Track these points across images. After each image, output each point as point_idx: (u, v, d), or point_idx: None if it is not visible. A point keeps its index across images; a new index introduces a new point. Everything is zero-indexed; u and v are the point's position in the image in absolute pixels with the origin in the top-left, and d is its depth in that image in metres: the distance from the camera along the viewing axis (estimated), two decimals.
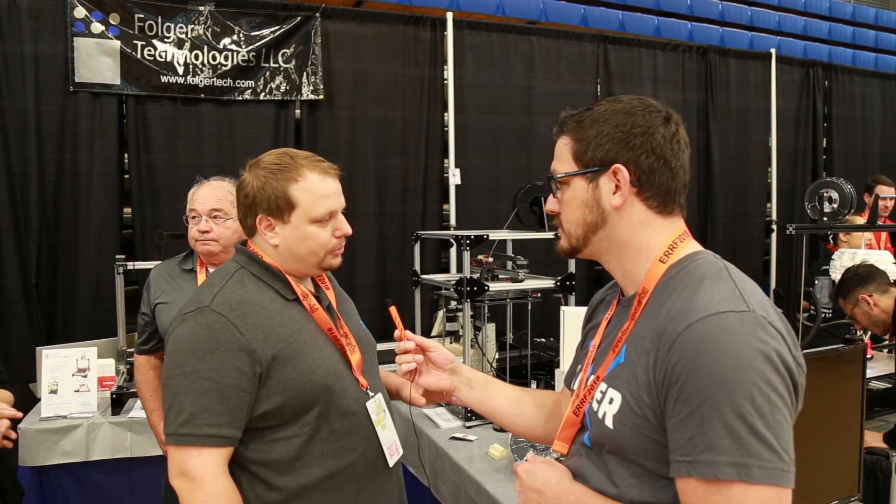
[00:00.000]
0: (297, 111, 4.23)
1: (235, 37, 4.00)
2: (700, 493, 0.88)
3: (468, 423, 2.51)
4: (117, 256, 3.17)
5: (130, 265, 3.12)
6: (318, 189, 1.44)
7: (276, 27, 4.08)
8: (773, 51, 5.69)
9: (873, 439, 2.22)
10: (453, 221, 4.51)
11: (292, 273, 1.46)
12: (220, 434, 1.29)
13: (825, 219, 3.04)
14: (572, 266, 2.80)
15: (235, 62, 3.99)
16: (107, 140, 3.79)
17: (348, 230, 1.49)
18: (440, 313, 3.22)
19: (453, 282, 2.72)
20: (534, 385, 2.71)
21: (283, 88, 4.11)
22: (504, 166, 4.68)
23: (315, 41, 4.17)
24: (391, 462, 1.51)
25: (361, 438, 1.46)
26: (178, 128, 3.94)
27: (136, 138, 3.87)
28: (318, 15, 4.17)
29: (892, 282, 2.83)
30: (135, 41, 3.79)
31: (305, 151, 1.51)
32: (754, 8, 7.02)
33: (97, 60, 3.73)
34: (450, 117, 4.50)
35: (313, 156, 1.49)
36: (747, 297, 0.92)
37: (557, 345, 2.60)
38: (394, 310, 1.44)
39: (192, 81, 3.91)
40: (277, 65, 4.10)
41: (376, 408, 1.50)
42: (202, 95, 3.95)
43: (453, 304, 3.09)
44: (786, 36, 6.93)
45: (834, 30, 7.44)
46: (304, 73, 4.15)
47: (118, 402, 2.77)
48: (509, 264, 2.81)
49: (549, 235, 2.88)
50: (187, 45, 3.89)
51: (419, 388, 1.42)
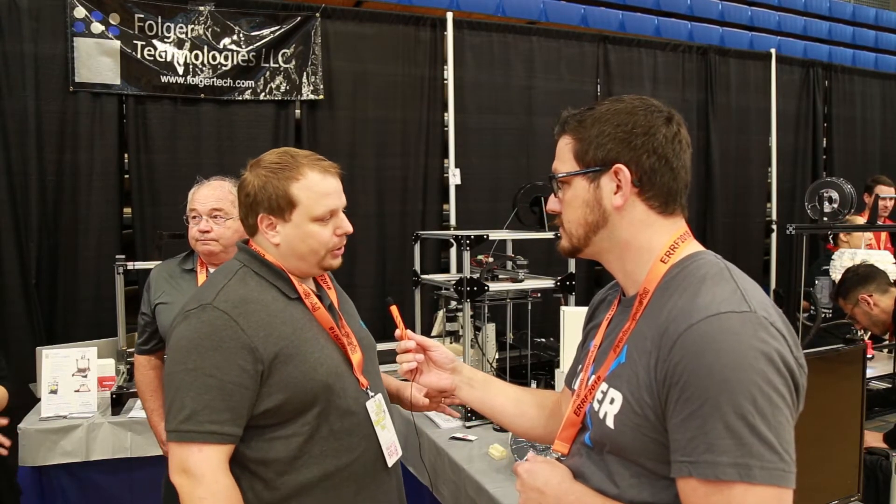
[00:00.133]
0: (297, 111, 4.22)
1: (235, 37, 4.00)
2: (701, 494, 0.88)
3: (468, 423, 2.51)
4: (117, 256, 3.17)
5: (130, 265, 3.12)
6: (318, 188, 1.44)
7: (276, 27, 4.08)
8: (773, 51, 5.69)
9: (873, 439, 2.22)
10: (453, 221, 4.51)
11: (294, 272, 1.47)
12: (222, 431, 1.29)
13: (825, 219, 3.04)
14: (572, 266, 2.80)
15: (235, 62, 3.99)
16: (107, 140, 3.79)
17: (349, 228, 1.50)
18: (440, 313, 3.22)
19: (453, 282, 2.72)
20: (534, 385, 2.71)
21: (283, 88, 4.11)
22: (504, 166, 4.68)
23: (315, 41, 4.16)
24: (390, 462, 1.51)
25: (361, 438, 1.46)
26: (178, 128, 3.94)
27: (136, 138, 3.87)
28: (318, 15, 4.17)
29: (892, 282, 2.83)
30: (135, 41, 3.79)
31: (306, 150, 1.51)
32: (754, 8, 7.02)
33: (97, 60, 3.73)
34: (450, 117, 4.49)
35: (314, 154, 1.49)
36: (749, 297, 0.92)
37: (557, 345, 2.60)
38: (394, 309, 1.44)
39: (192, 81, 3.91)
40: (277, 65, 4.10)
41: (376, 408, 1.50)
42: (202, 95, 3.95)
43: (453, 304, 3.09)
44: (786, 36, 6.93)
45: (834, 30, 7.44)
46: (304, 73, 4.15)
47: (118, 402, 2.77)
48: (509, 264, 2.81)
49: (549, 235, 2.89)
50: (187, 45, 3.89)
51: (420, 387, 1.42)
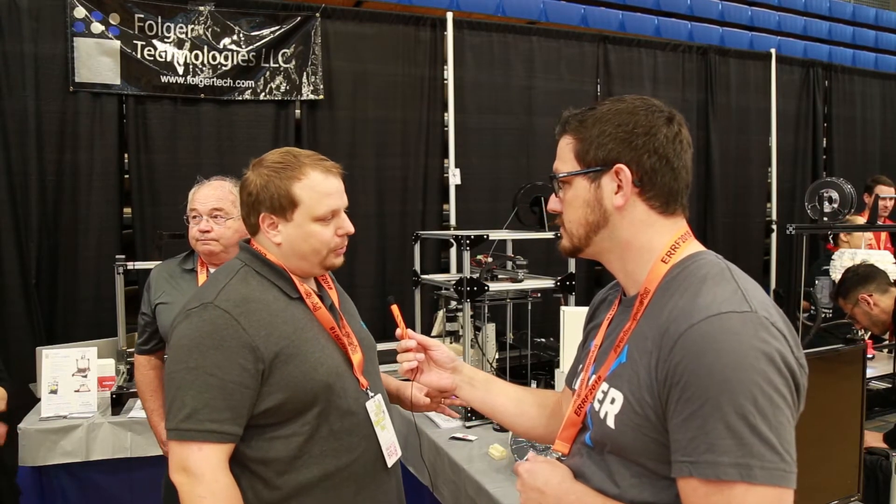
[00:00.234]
0: (297, 111, 4.22)
1: (235, 37, 3.99)
2: (702, 494, 0.88)
3: (468, 423, 2.51)
4: (117, 256, 3.17)
5: (130, 265, 3.12)
6: (320, 187, 1.44)
7: (276, 27, 4.08)
8: (773, 51, 5.69)
9: (873, 439, 2.22)
10: (453, 221, 4.51)
11: (295, 271, 1.47)
12: (222, 430, 1.30)
13: (825, 219, 3.04)
14: (572, 266, 2.80)
15: (235, 62, 3.99)
16: (107, 140, 3.79)
17: (351, 229, 1.50)
18: (440, 313, 3.22)
19: (453, 282, 2.72)
20: (534, 385, 2.71)
21: (283, 88, 4.11)
22: (504, 166, 4.68)
23: (315, 41, 4.16)
24: (390, 463, 1.52)
25: (361, 438, 1.46)
26: (178, 128, 3.94)
27: (136, 138, 3.87)
28: (318, 15, 4.16)
29: (892, 282, 2.83)
30: (135, 41, 3.79)
31: (308, 150, 1.51)
32: (754, 8, 7.02)
33: (97, 60, 3.73)
34: (450, 117, 4.49)
35: (316, 154, 1.49)
36: (749, 297, 0.92)
37: (557, 345, 2.60)
38: (395, 308, 1.44)
39: (192, 81, 3.91)
40: (277, 65, 4.10)
41: (376, 408, 1.50)
42: (202, 95, 3.95)
43: (453, 304, 3.09)
44: (786, 36, 6.93)
45: (834, 30, 7.44)
46: (304, 73, 4.15)
47: (118, 402, 2.77)
48: (509, 264, 2.81)
49: (549, 235, 2.89)
50: (187, 45, 3.89)
51: (421, 387, 1.42)
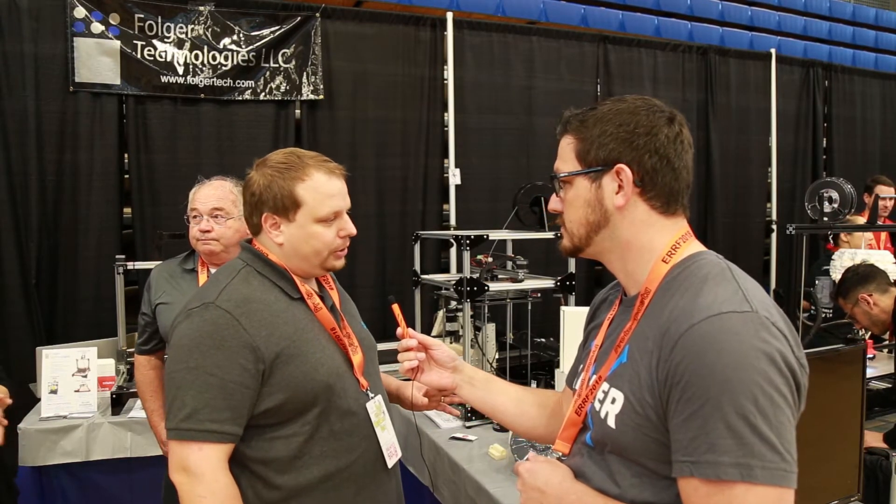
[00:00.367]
0: (297, 111, 4.22)
1: (235, 37, 3.99)
2: (702, 494, 0.88)
3: (468, 423, 2.51)
4: (117, 256, 3.17)
5: (130, 265, 3.12)
6: (324, 189, 1.44)
7: (276, 27, 4.08)
8: (773, 51, 5.69)
9: (873, 439, 2.22)
10: (453, 221, 4.51)
11: (297, 272, 1.47)
12: (222, 430, 1.30)
13: (825, 219, 3.04)
14: (572, 266, 2.80)
15: (235, 62, 3.99)
16: (107, 140, 3.79)
17: (353, 231, 1.50)
18: (440, 313, 3.22)
19: (453, 282, 2.72)
20: (534, 385, 2.71)
21: (283, 88, 4.11)
22: (504, 166, 4.68)
23: (315, 41, 4.16)
24: (390, 464, 1.52)
25: (361, 439, 1.46)
26: (178, 128, 3.94)
27: (136, 138, 3.87)
28: (318, 15, 4.16)
29: (892, 282, 2.83)
30: (135, 41, 3.79)
31: (312, 152, 1.51)
32: (754, 8, 7.02)
33: (97, 60, 3.73)
34: (450, 117, 4.49)
35: (320, 156, 1.49)
36: (750, 297, 0.92)
37: (557, 345, 2.60)
38: (396, 307, 1.44)
39: (192, 81, 3.91)
40: (277, 65, 4.09)
41: (376, 409, 1.50)
42: (202, 95, 3.95)
43: (453, 304, 3.08)
44: (786, 36, 6.93)
45: (834, 30, 7.44)
46: (304, 73, 4.15)
47: (118, 402, 2.77)
48: (509, 264, 2.81)
49: (549, 235, 2.89)
50: (187, 45, 3.89)
51: (421, 386, 1.42)
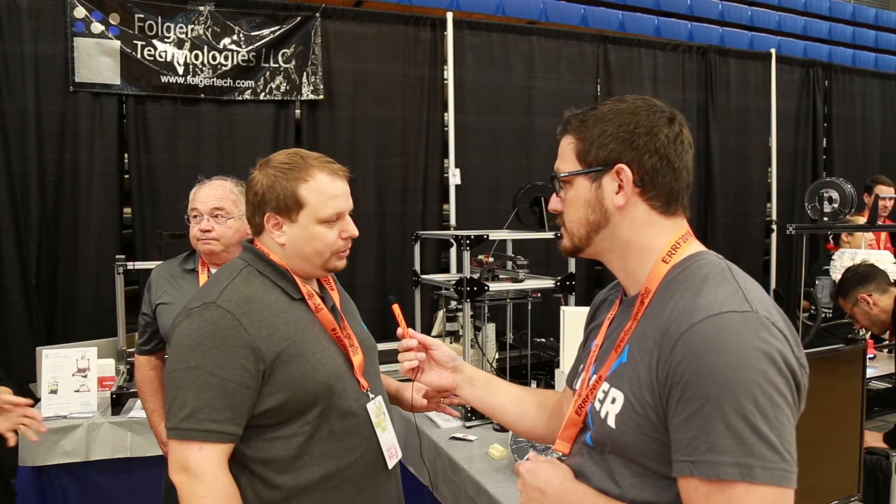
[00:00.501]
0: (297, 111, 4.22)
1: (235, 37, 3.99)
2: (702, 493, 0.88)
3: (468, 423, 2.51)
4: (117, 256, 3.17)
5: (130, 265, 3.12)
6: (326, 190, 1.44)
7: (276, 27, 4.08)
8: (773, 51, 5.69)
9: (873, 439, 2.23)
10: (453, 221, 4.51)
11: (298, 273, 1.47)
12: (222, 430, 1.30)
13: (825, 219, 3.04)
14: (572, 266, 2.80)
15: (235, 62, 3.99)
16: (107, 140, 3.79)
17: (355, 232, 1.50)
18: (440, 313, 3.22)
19: (453, 282, 2.72)
20: (534, 385, 2.71)
21: (283, 88, 4.11)
22: (504, 166, 4.68)
23: (315, 41, 4.16)
24: (390, 464, 1.52)
25: (361, 439, 1.46)
26: (178, 128, 3.94)
27: (136, 138, 3.87)
28: (318, 15, 4.16)
29: (892, 282, 2.83)
30: (135, 41, 3.79)
31: (316, 153, 1.51)
32: (754, 8, 7.02)
33: (97, 60, 3.73)
34: (450, 117, 4.49)
35: (323, 157, 1.50)
36: (750, 297, 0.92)
37: (557, 345, 2.60)
38: (396, 307, 1.44)
39: (192, 81, 3.91)
40: (277, 65, 4.10)
41: (376, 410, 1.50)
42: (202, 95, 3.95)
43: (453, 304, 3.08)
44: (786, 36, 6.93)
45: (834, 30, 7.45)
46: (304, 73, 4.15)
47: (118, 402, 2.77)
48: (509, 264, 2.81)
49: (549, 235, 2.89)
50: (187, 45, 3.89)
51: (420, 388, 1.42)
